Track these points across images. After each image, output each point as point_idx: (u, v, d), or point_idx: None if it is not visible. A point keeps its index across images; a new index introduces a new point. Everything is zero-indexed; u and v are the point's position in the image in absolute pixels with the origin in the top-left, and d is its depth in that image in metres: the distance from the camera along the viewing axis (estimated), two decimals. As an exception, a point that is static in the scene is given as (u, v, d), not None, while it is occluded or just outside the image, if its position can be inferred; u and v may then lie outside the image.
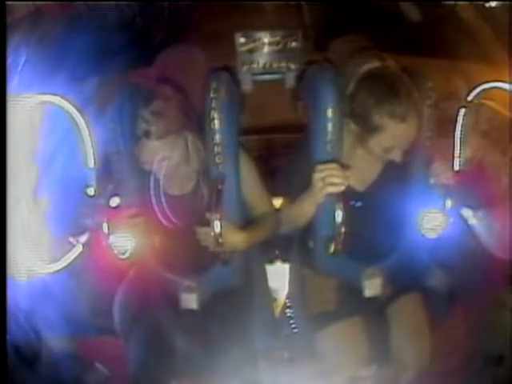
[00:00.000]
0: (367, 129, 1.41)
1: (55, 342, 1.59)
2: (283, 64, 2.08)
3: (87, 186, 1.50)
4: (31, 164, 1.43)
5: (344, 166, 1.40)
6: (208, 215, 1.41)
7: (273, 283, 1.82)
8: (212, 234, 1.39)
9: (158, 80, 1.62)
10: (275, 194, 1.66)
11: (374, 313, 1.61)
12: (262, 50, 2.08)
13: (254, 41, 2.06)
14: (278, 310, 1.80)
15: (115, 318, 1.63)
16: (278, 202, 1.68)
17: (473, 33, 1.75)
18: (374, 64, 1.43)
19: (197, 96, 1.54)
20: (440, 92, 1.55)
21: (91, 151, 1.49)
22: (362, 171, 1.55)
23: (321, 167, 1.36)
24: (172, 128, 1.41)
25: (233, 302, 1.61)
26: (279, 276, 1.90)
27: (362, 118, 1.41)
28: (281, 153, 2.16)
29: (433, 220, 1.52)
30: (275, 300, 1.81)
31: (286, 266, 1.84)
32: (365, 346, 1.54)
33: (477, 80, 1.56)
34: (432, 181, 1.51)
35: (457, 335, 1.66)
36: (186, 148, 1.49)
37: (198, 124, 1.51)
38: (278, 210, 1.65)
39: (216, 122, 1.46)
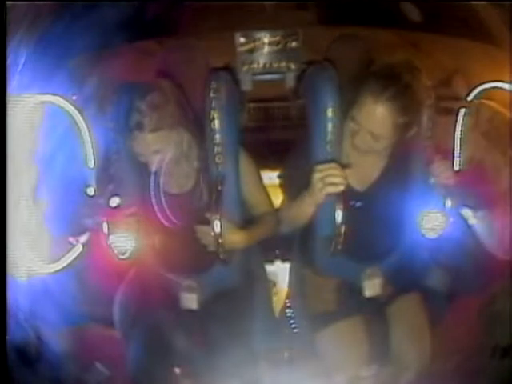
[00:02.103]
0: (353, 99, 1.41)
1: (55, 341, 1.58)
2: (283, 64, 2.08)
3: (87, 186, 1.50)
4: (31, 164, 1.43)
5: (344, 166, 1.40)
6: (208, 215, 1.41)
7: (273, 283, 1.81)
8: (212, 233, 1.39)
9: (157, 75, 1.62)
10: (273, 168, 1.63)
11: (374, 313, 1.61)
12: (261, 50, 2.08)
13: (254, 41, 2.07)
14: (277, 310, 1.80)
15: (115, 317, 1.63)
16: (277, 202, 1.68)
17: (478, 14, 1.72)
18: (402, 58, 1.43)
19: (197, 96, 1.54)
20: (440, 92, 1.55)
21: (91, 151, 1.50)
22: (363, 171, 1.55)
23: (320, 167, 1.36)
24: (166, 122, 1.39)
25: (233, 302, 1.60)
26: (279, 276, 1.90)
27: (357, 87, 1.41)
28: (280, 125, 2.14)
29: (433, 220, 1.52)
30: (275, 300, 1.80)
31: (286, 266, 1.84)
32: (365, 346, 1.54)
33: (477, 80, 1.56)
34: (432, 181, 1.51)
35: (457, 334, 1.66)
36: (180, 145, 1.47)
37: (194, 122, 1.50)
38: (277, 210, 1.64)
39: (216, 122, 1.46)
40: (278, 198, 1.67)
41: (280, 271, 1.92)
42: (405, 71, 1.39)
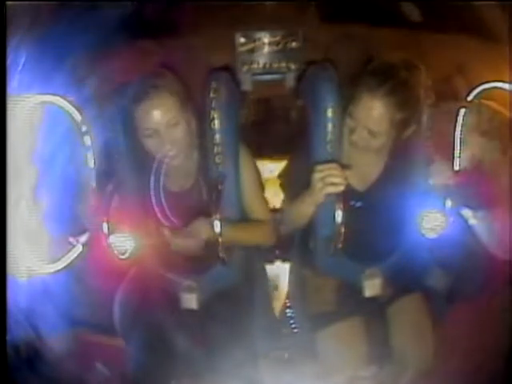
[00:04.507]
0: (351, 96, 1.42)
1: (55, 341, 1.59)
2: (283, 64, 2.08)
3: (87, 186, 1.50)
4: (31, 164, 1.43)
5: (344, 166, 1.40)
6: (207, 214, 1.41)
7: (273, 283, 1.82)
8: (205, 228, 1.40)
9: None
10: (274, 158, 1.64)
11: (374, 313, 1.61)
12: (262, 50, 2.08)
13: (254, 41, 2.07)
14: (277, 310, 1.80)
15: (115, 317, 1.63)
16: (277, 203, 1.68)
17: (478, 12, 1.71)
18: (401, 56, 1.43)
19: (197, 96, 1.54)
20: (440, 92, 1.55)
21: (91, 151, 1.50)
22: (363, 171, 1.55)
23: (320, 167, 1.36)
24: (176, 91, 1.42)
25: (233, 302, 1.60)
26: (279, 276, 1.90)
27: (355, 84, 1.42)
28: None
29: (433, 220, 1.52)
30: (275, 300, 1.80)
31: (286, 266, 1.84)
32: (365, 347, 1.54)
33: (477, 80, 1.56)
34: (432, 181, 1.51)
35: (458, 334, 1.66)
36: (187, 127, 1.46)
37: (194, 118, 1.50)
38: (273, 218, 1.63)
39: (216, 122, 1.46)
40: (277, 195, 1.67)
41: (280, 271, 1.92)
42: (402, 68, 1.39)
